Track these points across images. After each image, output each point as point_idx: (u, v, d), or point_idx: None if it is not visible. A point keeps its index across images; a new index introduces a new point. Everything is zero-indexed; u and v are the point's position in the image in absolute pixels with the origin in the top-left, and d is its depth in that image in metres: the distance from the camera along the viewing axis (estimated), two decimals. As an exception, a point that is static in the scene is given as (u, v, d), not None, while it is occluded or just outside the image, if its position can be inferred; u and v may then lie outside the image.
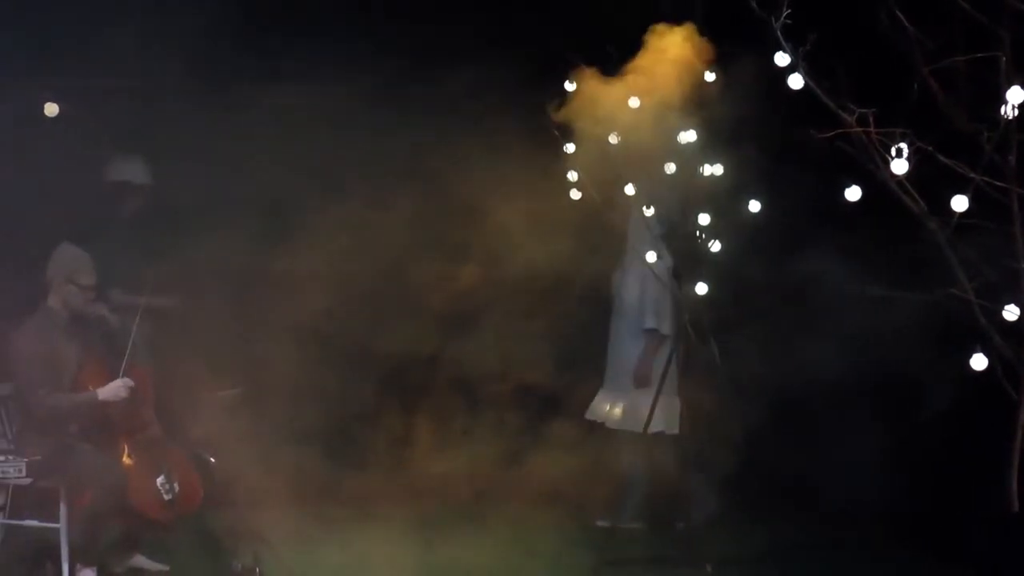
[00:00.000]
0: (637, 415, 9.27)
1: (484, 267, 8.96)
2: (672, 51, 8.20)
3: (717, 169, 8.25)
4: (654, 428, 9.18)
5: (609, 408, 9.48)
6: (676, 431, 9.27)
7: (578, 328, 9.67)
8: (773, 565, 8.36)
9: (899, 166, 6.81)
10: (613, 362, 9.59)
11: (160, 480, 8.13)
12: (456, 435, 9.30)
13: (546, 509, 9.44)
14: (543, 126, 8.47)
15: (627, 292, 9.50)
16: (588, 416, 9.52)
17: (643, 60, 8.31)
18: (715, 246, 8.26)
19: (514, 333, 9.28)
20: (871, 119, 6.91)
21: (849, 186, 7.06)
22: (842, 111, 6.96)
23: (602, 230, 9.11)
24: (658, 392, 8.88)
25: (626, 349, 9.51)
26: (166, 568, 8.45)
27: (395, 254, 9.26)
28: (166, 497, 8.12)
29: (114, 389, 8.17)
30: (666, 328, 9.36)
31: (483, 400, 9.50)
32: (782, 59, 6.96)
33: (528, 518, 9.45)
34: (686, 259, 8.53)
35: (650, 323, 9.38)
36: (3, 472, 7.82)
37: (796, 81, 6.98)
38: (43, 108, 8.50)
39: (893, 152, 6.79)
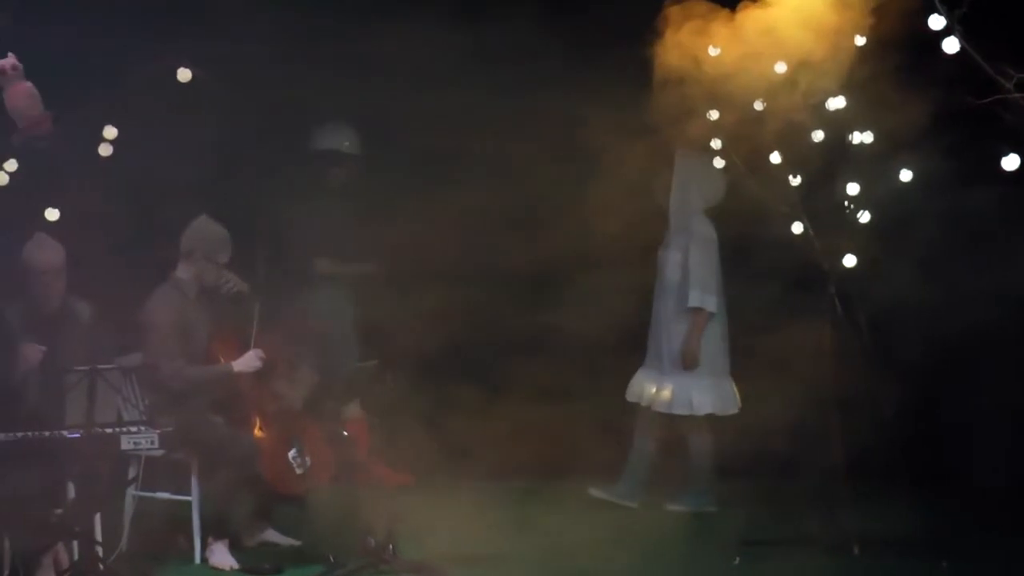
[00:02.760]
0: (687, 397, 9.29)
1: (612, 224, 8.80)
2: (822, 14, 7.95)
3: (867, 137, 8.00)
4: (702, 410, 9.27)
5: (656, 390, 9.37)
6: (733, 411, 9.34)
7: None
8: (920, 546, 8.10)
9: (1060, 134, 6.64)
10: (655, 342, 9.48)
11: (292, 453, 8.14)
12: (597, 409, 9.23)
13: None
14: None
15: (670, 270, 9.40)
16: (629, 397, 9.47)
17: (791, 23, 8.07)
18: (864, 217, 8.02)
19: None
20: (1030, 85, 6.71)
21: (1007, 154, 6.91)
22: (1000, 76, 6.80)
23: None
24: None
25: (670, 329, 9.37)
26: (297, 543, 8.43)
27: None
28: (298, 471, 8.13)
29: (248, 360, 8.25)
30: (712, 306, 9.30)
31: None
32: (937, 22, 6.88)
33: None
34: (832, 230, 8.29)
35: (695, 301, 9.27)
36: (135, 443, 7.78)
37: (952, 45, 6.90)
38: (177, 74, 8.42)
39: (1054, 119, 6.60)
